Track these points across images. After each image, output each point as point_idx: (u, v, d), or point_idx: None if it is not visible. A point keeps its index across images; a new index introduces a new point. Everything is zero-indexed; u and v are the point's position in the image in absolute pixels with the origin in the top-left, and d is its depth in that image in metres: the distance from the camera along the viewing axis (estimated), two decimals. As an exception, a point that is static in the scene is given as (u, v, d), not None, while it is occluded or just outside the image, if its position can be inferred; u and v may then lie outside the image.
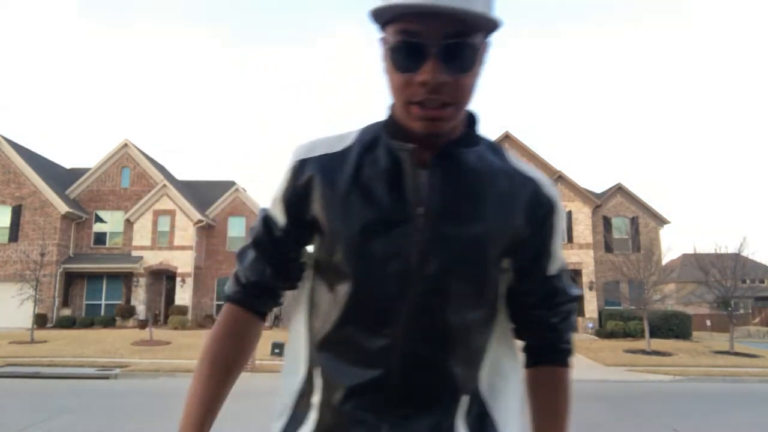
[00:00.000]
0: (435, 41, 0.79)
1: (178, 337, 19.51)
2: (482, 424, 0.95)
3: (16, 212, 25.11)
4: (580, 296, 1.05)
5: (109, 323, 23.74)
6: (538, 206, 0.94)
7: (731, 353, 17.51)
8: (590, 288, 25.69)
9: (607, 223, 27.41)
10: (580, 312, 26.03)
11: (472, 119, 0.95)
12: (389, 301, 0.89)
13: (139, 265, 25.19)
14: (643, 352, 17.26)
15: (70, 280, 25.54)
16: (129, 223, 26.36)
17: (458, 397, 0.93)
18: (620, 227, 27.48)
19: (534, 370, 1.02)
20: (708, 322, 34.79)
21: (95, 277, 25.95)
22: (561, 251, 1.00)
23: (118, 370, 12.63)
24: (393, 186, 0.89)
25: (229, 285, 1.04)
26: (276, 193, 0.97)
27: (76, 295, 25.70)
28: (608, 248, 26.87)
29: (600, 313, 25.29)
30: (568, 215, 26.64)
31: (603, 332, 22.90)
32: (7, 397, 9.18)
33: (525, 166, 0.97)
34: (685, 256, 38.99)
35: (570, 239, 26.40)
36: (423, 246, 0.88)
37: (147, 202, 26.19)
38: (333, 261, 0.92)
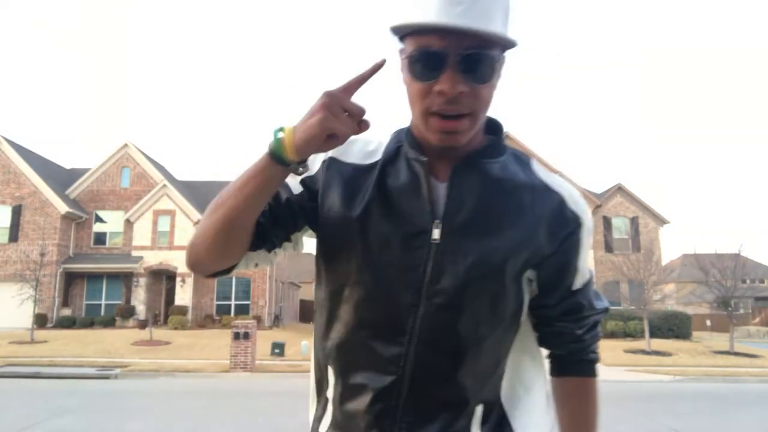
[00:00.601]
0: (454, 52, 0.81)
1: (178, 337, 19.50)
2: (500, 431, 0.96)
3: (16, 212, 25.11)
4: (606, 309, 1.04)
5: (109, 323, 23.73)
6: (562, 222, 0.93)
7: (731, 353, 17.50)
8: (590, 288, 25.71)
9: (607, 223, 27.42)
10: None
11: (496, 128, 0.96)
12: (403, 311, 0.90)
13: (139, 265, 25.18)
14: (643, 352, 17.25)
15: (70, 280, 25.54)
16: (129, 223, 26.35)
17: (471, 407, 0.93)
18: (620, 227, 27.48)
19: (561, 381, 1.03)
20: (708, 322, 34.79)
21: (95, 277, 25.94)
22: (587, 265, 0.99)
23: (118, 370, 12.62)
24: (411, 199, 0.91)
25: None
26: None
27: (76, 295, 25.69)
28: (608, 248, 26.87)
29: (600, 313, 25.28)
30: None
31: (603, 332, 22.79)
32: (7, 397, 9.18)
33: (552, 178, 0.96)
34: (685, 256, 39.00)
35: (570, 239, 26.42)
36: (437, 260, 0.89)
37: (147, 202, 26.18)
38: (348, 268, 0.93)
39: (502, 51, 0.86)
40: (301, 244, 1.04)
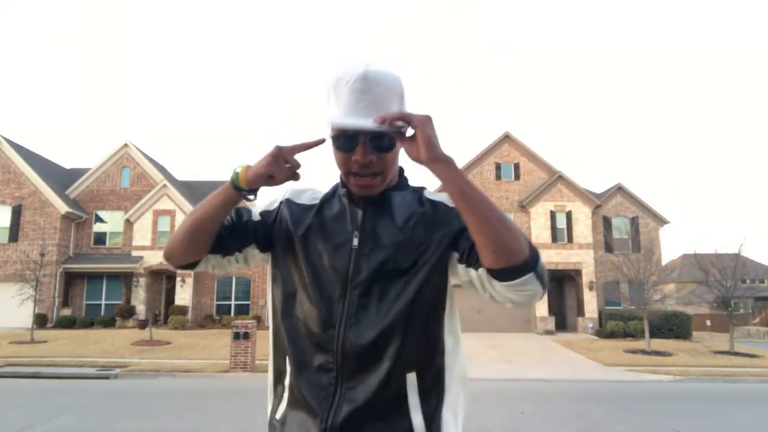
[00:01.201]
0: (364, 132, 1.15)
1: (178, 337, 19.50)
2: (433, 396, 1.20)
3: (16, 212, 25.10)
4: None
5: (109, 323, 23.73)
6: (444, 214, 1.23)
7: (731, 353, 17.49)
8: (590, 288, 25.68)
9: (607, 223, 27.40)
10: (581, 312, 26.05)
11: (401, 173, 1.33)
12: (335, 302, 1.19)
13: (139, 265, 25.18)
14: (643, 352, 17.25)
15: (70, 280, 25.54)
16: (129, 223, 26.35)
17: (400, 372, 1.16)
18: (620, 227, 27.46)
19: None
20: (708, 322, 34.77)
21: (95, 277, 25.94)
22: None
23: (118, 370, 12.62)
24: (339, 220, 1.26)
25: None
26: (263, 204, 1.34)
27: (76, 295, 25.68)
28: (608, 248, 26.86)
29: (600, 313, 25.28)
30: (568, 215, 26.63)
31: (603, 332, 22.90)
32: (7, 397, 9.18)
33: (435, 196, 1.29)
34: (685, 256, 39.01)
35: (570, 239, 26.40)
36: (356, 260, 1.20)
37: (147, 202, 26.18)
38: (294, 275, 1.25)
39: (404, 125, 1.14)
40: (250, 260, 1.33)
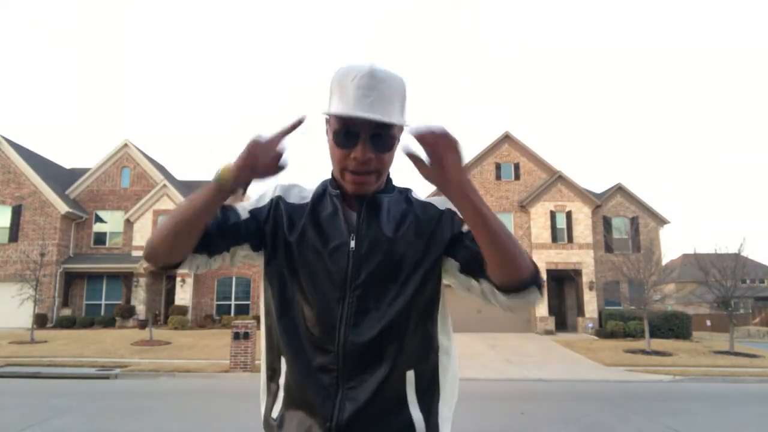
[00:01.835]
0: (365, 130, 1.14)
1: (178, 337, 19.50)
2: (429, 393, 1.23)
3: (16, 212, 25.10)
4: None
5: (109, 323, 23.73)
6: (432, 211, 1.27)
7: (731, 353, 17.49)
8: (590, 288, 25.68)
9: (607, 223, 27.39)
10: (581, 312, 26.04)
11: (388, 179, 1.31)
12: (333, 303, 1.19)
13: (139, 265, 25.14)
14: (643, 352, 17.24)
15: (70, 280, 25.53)
16: (129, 223, 26.35)
17: (400, 371, 1.18)
18: (620, 227, 27.45)
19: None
20: (708, 322, 34.78)
21: (95, 277, 25.93)
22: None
23: (118, 370, 12.61)
24: (334, 222, 1.25)
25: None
26: (248, 205, 1.30)
27: (76, 295, 25.68)
28: (608, 248, 26.84)
29: (600, 313, 25.27)
30: (568, 215, 26.62)
31: (603, 332, 22.89)
32: (7, 397, 9.18)
33: (424, 198, 1.33)
34: (685, 256, 39.01)
35: (570, 239, 26.39)
36: (355, 262, 1.20)
37: (147, 202, 26.18)
38: (291, 277, 1.24)
39: (400, 129, 1.19)
40: (237, 259, 1.30)
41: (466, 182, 1.04)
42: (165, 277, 26.70)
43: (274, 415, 1.24)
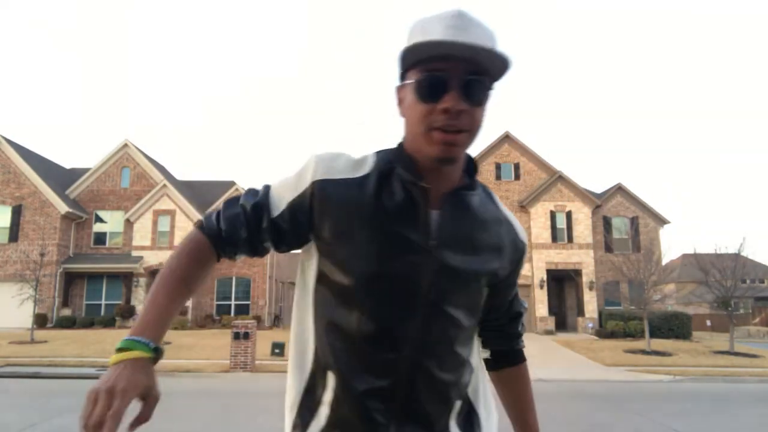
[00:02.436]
0: (456, 76, 0.93)
1: (178, 337, 19.50)
2: (470, 421, 1.13)
3: (16, 212, 25.10)
4: (526, 309, 1.29)
5: (109, 323, 23.73)
6: (515, 250, 1.14)
7: (731, 353, 17.49)
8: (590, 288, 25.68)
9: (607, 223, 27.40)
10: (581, 312, 26.05)
11: (471, 165, 1.10)
12: (400, 320, 1.01)
13: (139, 265, 25.18)
14: (643, 352, 17.25)
15: (70, 280, 25.54)
16: (129, 223, 26.36)
17: (453, 402, 1.09)
18: (620, 227, 27.46)
19: (503, 372, 1.25)
20: (708, 322, 34.80)
21: (95, 277, 25.94)
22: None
23: (118, 370, 12.61)
24: (409, 220, 1.01)
25: (208, 219, 1.09)
26: (285, 192, 1.05)
27: (76, 295, 25.69)
28: (608, 248, 26.86)
29: (600, 313, 25.28)
30: (568, 215, 26.63)
31: (603, 332, 22.90)
32: (7, 397, 9.18)
33: (508, 212, 1.16)
34: (685, 256, 38.99)
35: (570, 239, 26.39)
36: (431, 275, 1.01)
37: (147, 202, 26.18)
38: (347, 281, 1.01)
39: (492, 80, 0.98)
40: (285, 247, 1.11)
41: None
42: (165, 277, 26.67)
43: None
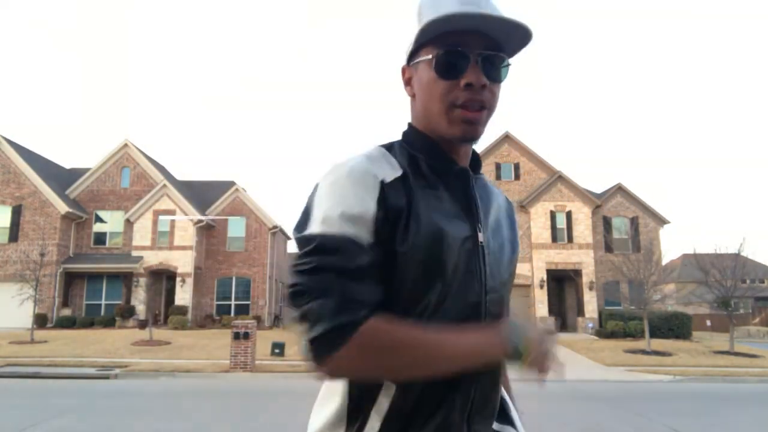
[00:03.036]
0: (476, 51, 0.90)
1: (178, 337, 19.51)
2: (504, 413, 1.07)
3: (16, 212, 25.11)
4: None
5: (109, 323, 23.74)
6: (512, 211, 1.14)
7: (731, 353, 17.51)
8: (590, 288, 25.68)
9: (607, 223, 27.41)
10: (581, 312, 26.04)
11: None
12: (471, 312, 0.92)
13: (139, 265, 25.18)
14: (643, 352, 17.26)
15: (70, 280, 25.54)
16: (129, 223, 26.36)
17: (500, 399, 1.04)
18: (620, 227, 27.47)
19: None
20: (708, 322, 34.82)
21: (95, 277, 25.94)
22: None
23: (118, 370, 12.62)
24: (455, 205, 0.95)
25: (342, 318, 0.80)
26: (352, 213, 0.84)
27: (76, 295, 25.69)
28: (608, 248, 26.86)
29: (600, 313, 25.28)
30: (568, 215, 26.63)
31: (603, 332, 22.90)
32: (7, 397, 9.18)
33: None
34: (685, 256, 39.02)
35: (570, 239, 26.39)
36: (487, 260, 0.95)
37: (147, 202, 26.18)
38: (412, 278, 0.87)
39: (509, 56, 0.95)
40: None
41: None
42: (165, 277, 26.72)
43: None
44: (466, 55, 0.90)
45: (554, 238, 26.37)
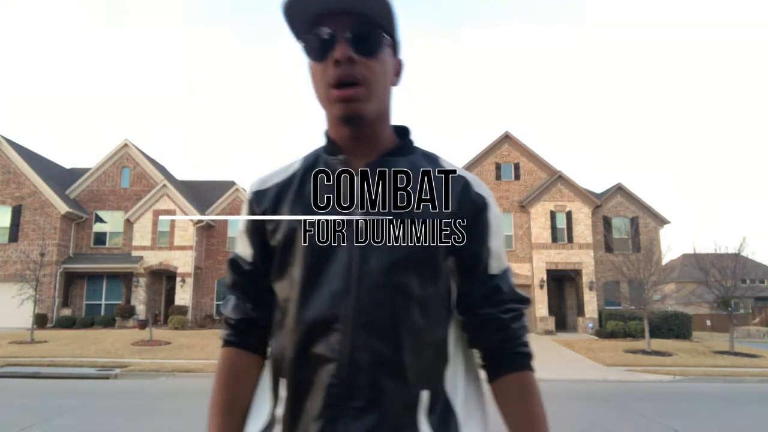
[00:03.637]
0: (341, 30, 0.93)
1: (178, 337, 19.50)
2: (446, 423, 0.94)
3: (16, 212, 25.11)
4: (528, 300, 1.03)
5: (109, 323, 23.75)
6: (470, 202, 0.99)
7: (731, 353, 17.50)
8: (590, 288, 25.69)
9: (607, 223, 27.41)
10: (581, 312, 26.06)
11: (404, 133, 1.06)
12: (336, 297, 0.92)
13: (139, 265, 25.19)
14: (643, 352, 17.26)
15: (70, 280, 25.55)
16: (129, 223, 26.37)
17: (416, 391, 0.92)
18: (620, 227, 27.48)
19: (500, 382, 0.99)
20: (708, 322, 34.82)
21: (95, 277, 25.95)
22: (503, 253, 1.03)
23: (118, 370, 12.62)
24: (333, 194, 0.97)
25: (222, 332, 1.10)
26: (239, 229, 1.08)
27: (76, 295, 25.70)
28: (608, 248, 26.87)
29: (600, 313, 25.29)
30: (568, 215, 26.64)
31: (603, 332, 22.91)
32: (7, 397, 9.18)
33: (457, 168, 1.04)
34: (685, 256, 38.99)
35: (570, 239, 26.40)
36: (360, 248, 0.93)
37: (147, 202, 26.19)
38: (287, 272, 0.98)
39: (386, 37, 0.96)
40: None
41: None
42: (165, 277, 26.72)
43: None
44: (332, 35, 0.92)
45: (554, 238, 26.37)
